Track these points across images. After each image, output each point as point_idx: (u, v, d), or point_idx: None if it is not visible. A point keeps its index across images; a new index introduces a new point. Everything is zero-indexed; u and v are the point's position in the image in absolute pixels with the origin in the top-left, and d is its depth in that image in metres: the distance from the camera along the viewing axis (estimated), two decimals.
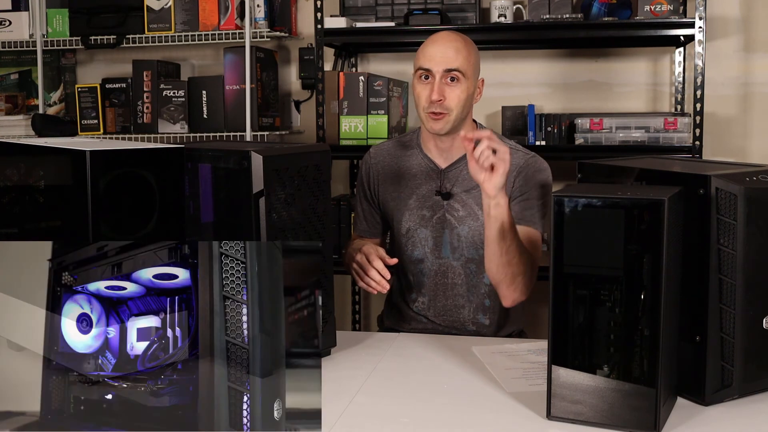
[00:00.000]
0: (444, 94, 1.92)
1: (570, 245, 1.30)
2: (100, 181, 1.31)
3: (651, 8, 2.75)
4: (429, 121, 1.96)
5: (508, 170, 1.75)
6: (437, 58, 1.93)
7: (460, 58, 1.93)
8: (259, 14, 3.06)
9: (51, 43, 3.26)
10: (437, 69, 1.92)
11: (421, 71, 1.95)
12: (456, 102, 1.93)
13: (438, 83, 1.92)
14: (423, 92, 1.95)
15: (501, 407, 1.41)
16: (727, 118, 3.07)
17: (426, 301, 2.06)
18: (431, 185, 2.04)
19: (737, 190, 1.34)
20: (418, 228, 2.04)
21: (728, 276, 1.35)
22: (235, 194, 1.53)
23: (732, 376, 1.39)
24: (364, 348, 1.78)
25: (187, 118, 3.16)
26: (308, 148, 1.66)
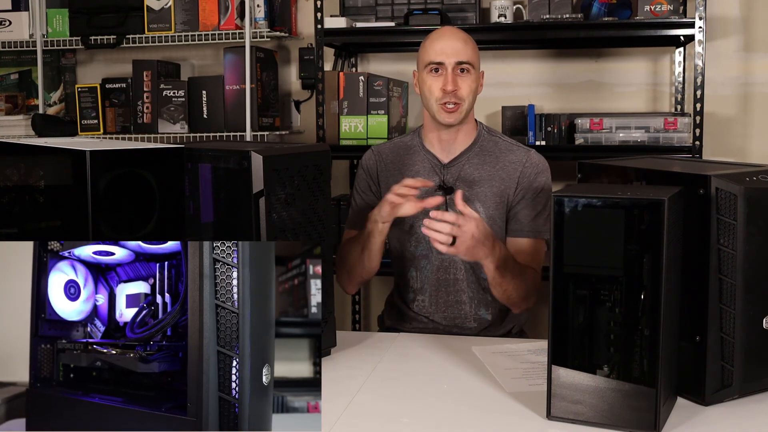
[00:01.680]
0: (458, 84, 1.98)
1: (570, 245, 1.30)
2: (100, 181, 1.31)
3: (651, 8, 2.75)
4: (442, 113, 2.00)
5: (473, 233, 1.77)
6: (448, 51, 1.99)
7: (468, 50, 2.00)
8: (259, 14, 3.06)
9: (51, 43, 3.26)
10: (449, 61, 1.98)
11: (432, 65, 2.00)
12: (468, 92, 1.99)
13: (451, 74, 1.98)
14: (435, 84, 1.99)
15: (501, 407, 1.41)
16: (727, 118, 3.07)
17: (427, 298, 2.07)
18: (434, 180, 2.05)
19: (737, 190, 1.34)
20: (420, 224, 2.05)
21: (728, 276, 1.35)
22: (235, 194, 1.53)
23: (732, 376, 1.38)
24: (364, 348, 1.78)
25: (187, 118, 3.16)
26: (308, 148, 1.66)
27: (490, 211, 2.02)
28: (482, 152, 2.06)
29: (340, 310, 3.17)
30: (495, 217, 2.02)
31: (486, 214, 2.02)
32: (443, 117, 1.99)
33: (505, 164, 2.05)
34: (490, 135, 2.10)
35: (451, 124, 2.01)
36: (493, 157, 2.05)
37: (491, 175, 2.04)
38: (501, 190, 2.03)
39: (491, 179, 2.03)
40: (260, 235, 1.50)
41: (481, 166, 2.05)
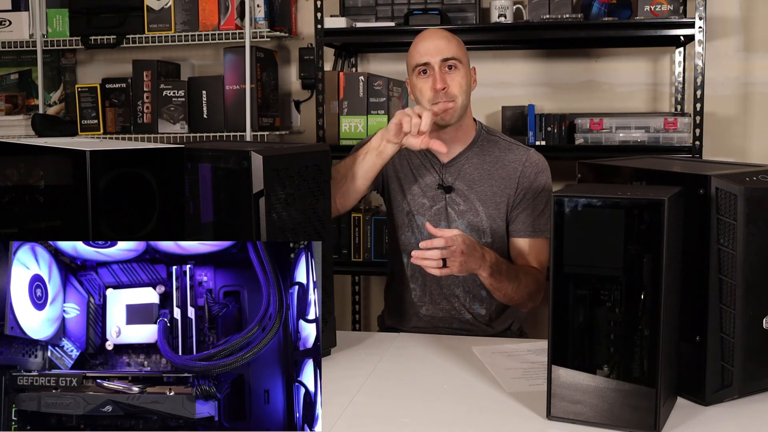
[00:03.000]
0: (447, 82, 1.97)
1: (570, 245, 1.30)
2: (100, 181, 1.30)
3: (651, 8, 2.75)
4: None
5: (462, 249, 1.76)
6: (432, 50, 1.98)
7: (452, 46, 1.99)
8: (259, 14, 3.06)
9: (51, 43, 3.25)
10: (435, 60, 1.97)
11: (420, 67, 1.99)
12: (459, 88, 1.98)
13: (439, 73, 1.96)
14: (425, 86, 1.98)
15: (501, 407, 1.41)
16: (727, 118, 3.07)
17: (419, 288, 2.07)
18: (434, 178, 2.06)
19: (737, 190, 1.34)
20: (416, 214, 2.06)
21: (728, 276, 1.35)
22: (235, 194, 1.53)
23: (732, 376, 1.38)
24: (364, 348, 1.78)
25: (187, 118, 3.16)
26: (308, 148, 1.66)
27: (490, 210, 2.02)
28: (481, 152, 2.06)
29: (340, 310, 3.18)
30: (494, 216, 2.02)
31: (486, 213, 2.02)
32: (438, 118, 1.99)
33: (504, 163, 2.05)
34: (489, 134, 2.10)
35: (448, 123, 2.00)
36: (493, 157, 2.06)
37: (491, 174, 2.04)
38: (501, 189, 2.03)
39: (491, 178, 2.03)
40: (260, 235, 1.50)
41: (480, 166, 2.05)
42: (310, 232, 1.60)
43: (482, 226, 2.02)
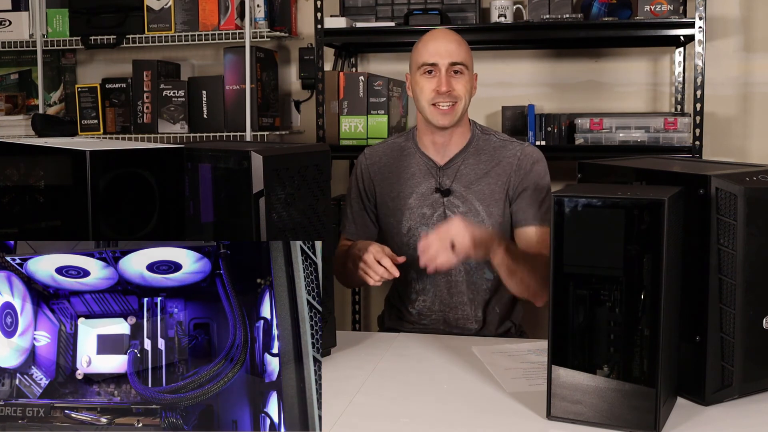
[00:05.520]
0: (452, 86, 1.98)
1: (570, 245, 1.30)
2: (100, 181, 1.30)
3: (651, 8, 2.75)
4: (435, 115, 1.99)
5: (463, 226, 1.77)
6: (442, 52, 1.98)
7: (462, 52, 2.00)
8: (259, 14, 3.06)
9: (51, 43, 3.25)
10: (443, 62, 1.98)
11: (426, 66, 1.99)
12: (463, 91, 1.99)
13: (445, 76, 1.98)
14: (428, 86, 1.99)
15: (501, 407, 1.41)
16: (727, 118, 3.07)
17: (428, 299, 2.07)
18: (430, 183, 2.05)
19: (737, 190, 1.34)
20: (419, 227, 2.05)
21: (728, 276, 1.35)
22: (235, 194, 1.53)
23: (732, 376, 1.38)
24: (364, 348, 1.78)
25: (187, 118, 3.16)
26: (308, 148, 1.66)
27: (490, 208, 2.02)
28: (477, 152, 2.06)
29: (340, 310, 3.18)
30: (495, 214, 2.02)
31: (486, 211, 2.02)
32: (437, 119, 1.99)
33: (500, 160, 2.05)
34: (484, 134, 2.10)
35: (446, 127, 2.00)
36: (488, 155, 2.06)
37: (488, 173, 2.04)
38: (499, 186, 2.03)
39: (488, 176, 2.03)
40: (260, 235, 1.50)
41: (477, 166, 2.05)
42: (310, 232, 1.60)
43: (483, 224, 2.01)
